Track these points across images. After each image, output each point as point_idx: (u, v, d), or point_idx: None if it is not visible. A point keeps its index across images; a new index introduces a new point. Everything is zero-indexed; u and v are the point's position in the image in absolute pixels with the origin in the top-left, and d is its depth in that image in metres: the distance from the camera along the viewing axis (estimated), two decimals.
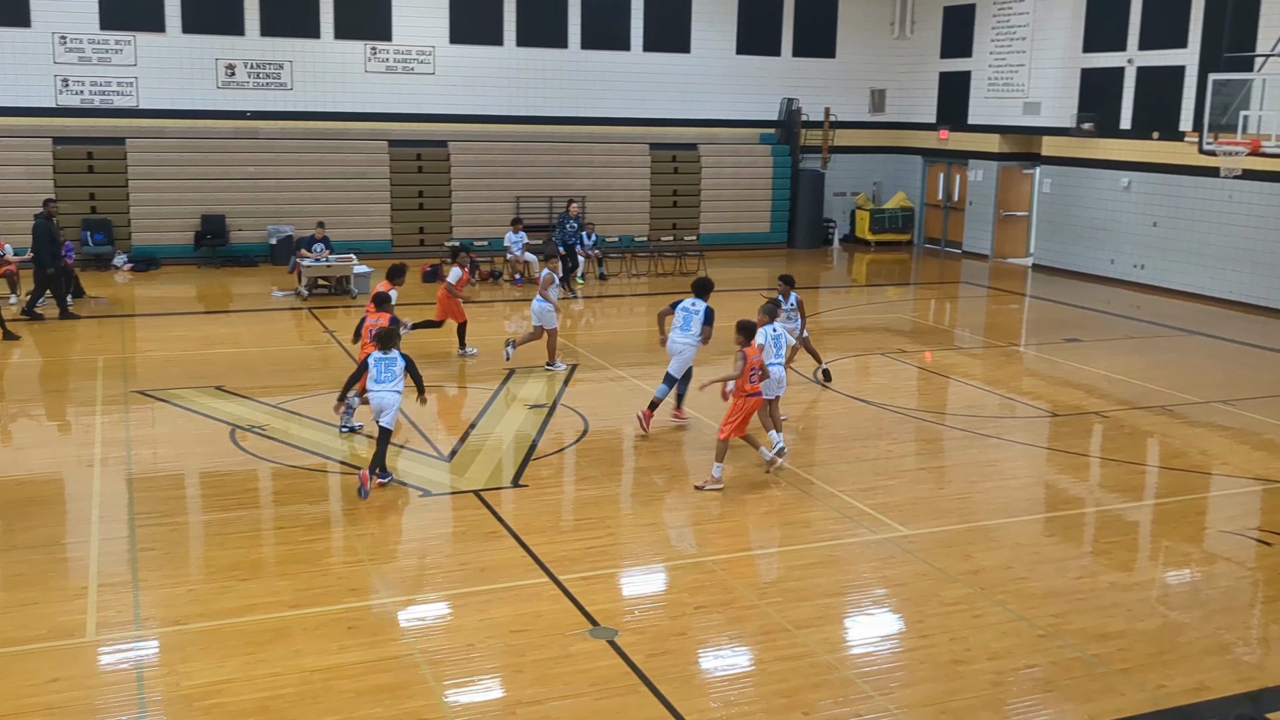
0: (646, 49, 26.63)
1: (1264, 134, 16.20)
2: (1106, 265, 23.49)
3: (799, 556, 8.94)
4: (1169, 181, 21.99)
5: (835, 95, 28.37)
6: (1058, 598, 8.28)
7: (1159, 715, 6.76)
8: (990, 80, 26.44)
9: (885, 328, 18.61)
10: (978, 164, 27.12)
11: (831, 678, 7.04)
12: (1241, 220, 20.65)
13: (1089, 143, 23.81)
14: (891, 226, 28.75)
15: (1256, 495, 10.83)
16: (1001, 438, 12.49)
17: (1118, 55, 23.11)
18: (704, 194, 27.15)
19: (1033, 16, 25.10)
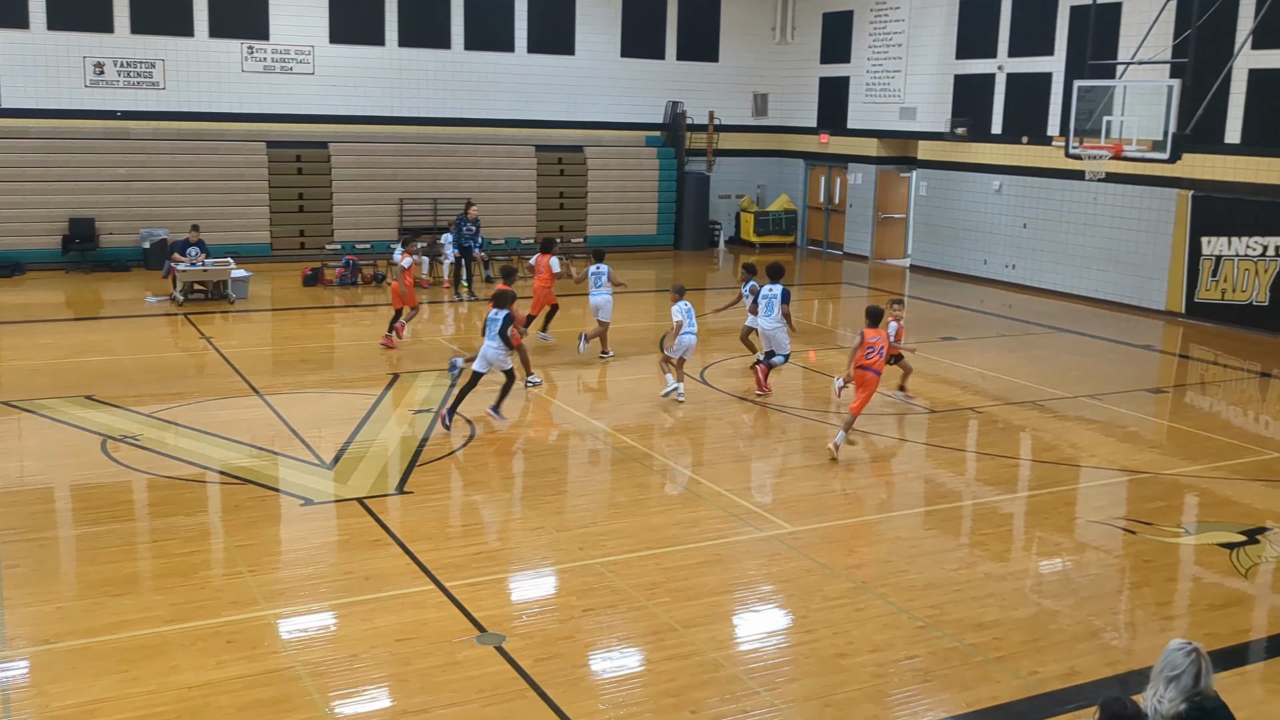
0: (531, 51, 26.55)
1: (1125, 139, 16.89)
2: (980, 265, 24.23)
3: (686, 556, 9.01)
4: (1038, 184, 22.79)
5: (719, 99, 28.69)
6: (936, 589, 8.51)
7: (1032, 701, 6.99)
8: (868, 85, 27.04)
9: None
10: (857, 167, 27.73)
11: (719, 675, 7.12)
12: (1106, 221, 21.51)
13: (962, 147, 24.53)
14: (775, 229, 29.19)
15: (1123, 485, 11.29)
16: (882, 434, 12.78)
17: (989, 62, 23.86)
18: (590, 196, 27.18)
19: (908, 24, 25.76)
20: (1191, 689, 4.53)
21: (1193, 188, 19.76)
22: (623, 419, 13.09)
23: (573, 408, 13.43)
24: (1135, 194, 20.78)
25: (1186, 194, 19.85)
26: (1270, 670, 7.61)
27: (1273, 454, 12.30)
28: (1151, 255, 20.64)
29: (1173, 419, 14.01)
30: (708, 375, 15.32)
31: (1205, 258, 19.70)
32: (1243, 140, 19.14)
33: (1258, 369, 16.74)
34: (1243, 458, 12.12)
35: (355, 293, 21.52)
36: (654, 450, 11.96)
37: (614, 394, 14.26)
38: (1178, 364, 17.59)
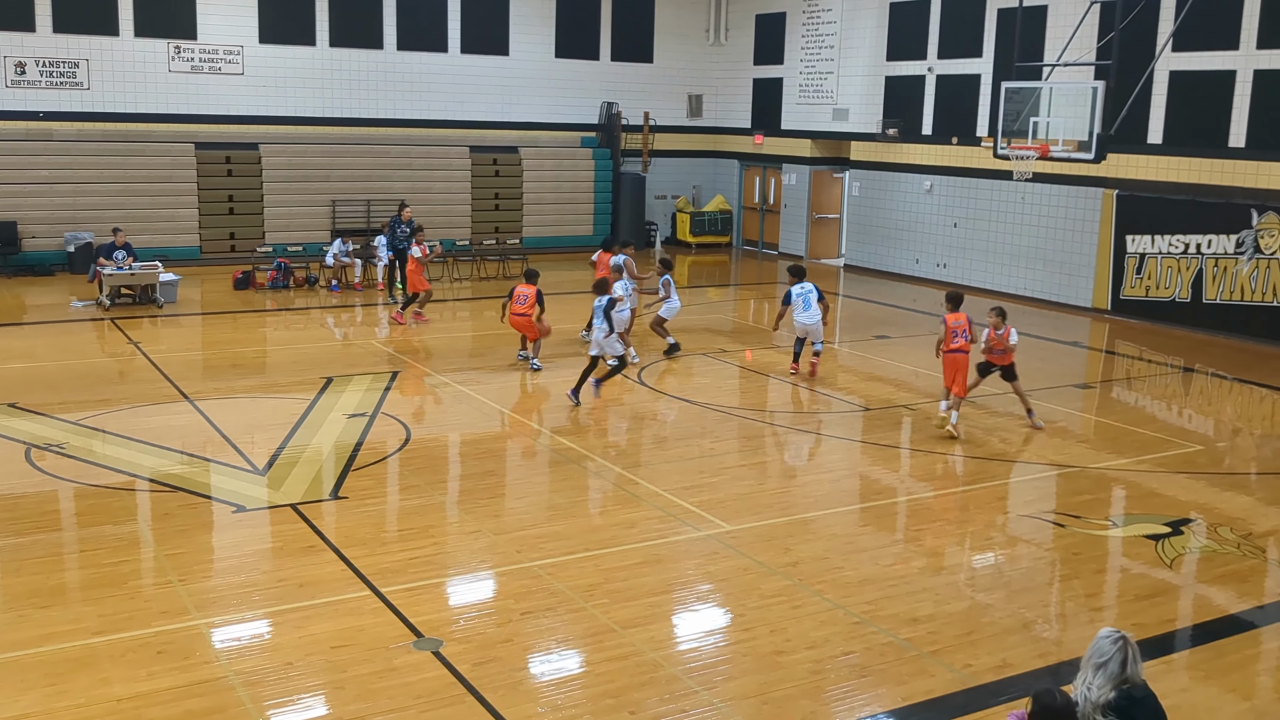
0: (465, 51, 26.41)
1: (1052, 139, 17.18)
2: (912, 265, 24.55)
3: (624, 557, 9.01)
4: (967, 184, 23.15)
5: (654, 100, 28.76)
6: (872, 585, 8.61)
7: (967, 694, 7.09)
8: (801, 87, 27.28)
9: (707, 328, 18.95)
10: (791, 168, 27.95)
11: (658, 675, 7.13)
12: (1033, 220, 21.92)
13: (894, 147, 24.84)
14: (711, 229, 29.34)
15: (1052, 480, 11.51)
16: (818, 433, 12.90)
17: (919, 64, 24.19)
18: (526, 197, 27.10)
19: (839, 26, 26.02)
20: (1118, 676, 4.63)
21: (1117, 187, 20.21)
22: (560, 421, 13.07)
23: (510, 410, 13.37)
24: (1062, 193, 21.19)
25: (1111, 193, 20.30)
26: (1195, 658, 7.80)
27: (1196, 447, 12.62)
28: (1078, 253, 21.07)
29: (1100, 414, 14.31)
30: (645, 376, 15.35)
31: (1130, 255, 20.15)
32: (1164, 140, 19.62)
33: (1181, 364, 17.16)
34: (1167, 451, 12.41)
35: (288, 296, 21.24)
36: (592, 452, 11.96)
37: (552, 396, 14.22)
38: (1104, 360, 17.97)
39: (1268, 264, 18.12)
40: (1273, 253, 18.05)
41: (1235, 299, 18.63)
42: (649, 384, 14.88)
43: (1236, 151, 18.55)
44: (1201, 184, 19.02)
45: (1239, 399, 15.43)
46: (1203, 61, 18.91)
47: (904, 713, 6.85)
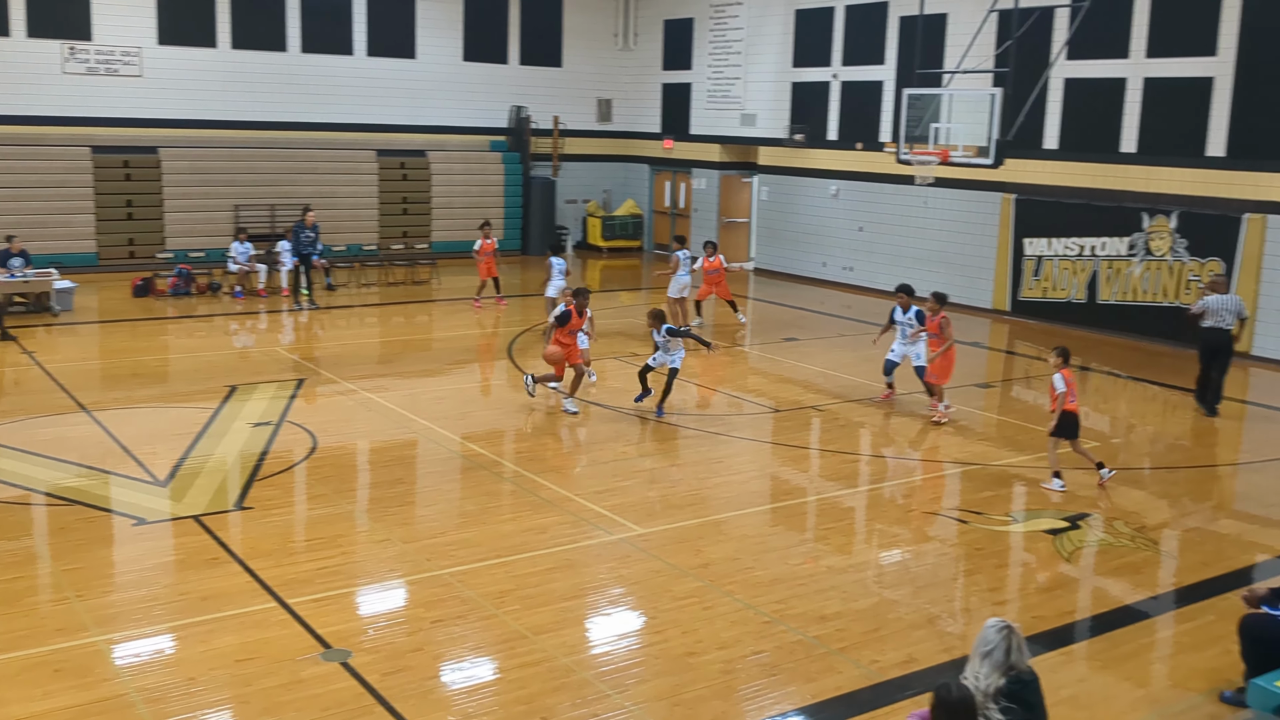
0: (371, 54, 26.09)
1: (952, 145, 17.60)
2: (819, 268, 24.91)
3: (536, 563, 8.99)
4: (872, 189, 23.56)
5: (564, 104, 28.74)
6: (782, 584, 8.71)
7: (875, 689, 7.22)
8: (710, 92, 27.50)
9: (619, 332, 18.98)
10: (701, 172, 28.16)
11: (570, 680, 7.13)
12: (936, 224, 22.39)
13: (801, 153, 25.18)
14: (622, 233, 29.41)
15: (956, 477, 11.77)
16: (729, 434, 13.01)
17: (824, 70, 24.55)
18: (435, 201, 26.86)
19: (746, 32, 26.29)
20: (1004, 663, 4.75)
21: (1015, 191, 20.75)
22: (470, 427, 12.99)
23: (419, 416, 13.24)
24: (962, 198, 21.69)
25: (1010, 198, 20.83)
26: (1093, 649, 8.03)
27: (1092, 443, 12.99)
28: (978, 256, 21.58)
29: (1000, 412, 14.68)
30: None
31: (1028, 258, 20.70)
32: (1060, 146, 20.20)
33: (1077, 364, 17.65)
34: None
35: (189, 303, 20.76)
36: (503, 457, 11.91)
37: (461, 402, 14.12)
38: (1004, 359, 18.44)
39: (1158, 266, 18.77)
40: (1162, 255, 18.69)
41: (1128, 299, 19.26)
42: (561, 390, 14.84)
43: (1128, 157, 19.19)
44: (1095, 188, 19.62)
45: (1132, 396, 15.94)
46: (1095, 69, 19.52)
47: (813, 710, 6.94)
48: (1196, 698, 7.23)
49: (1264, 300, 17.48)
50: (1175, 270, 18.51)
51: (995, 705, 4.70)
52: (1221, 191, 17.91)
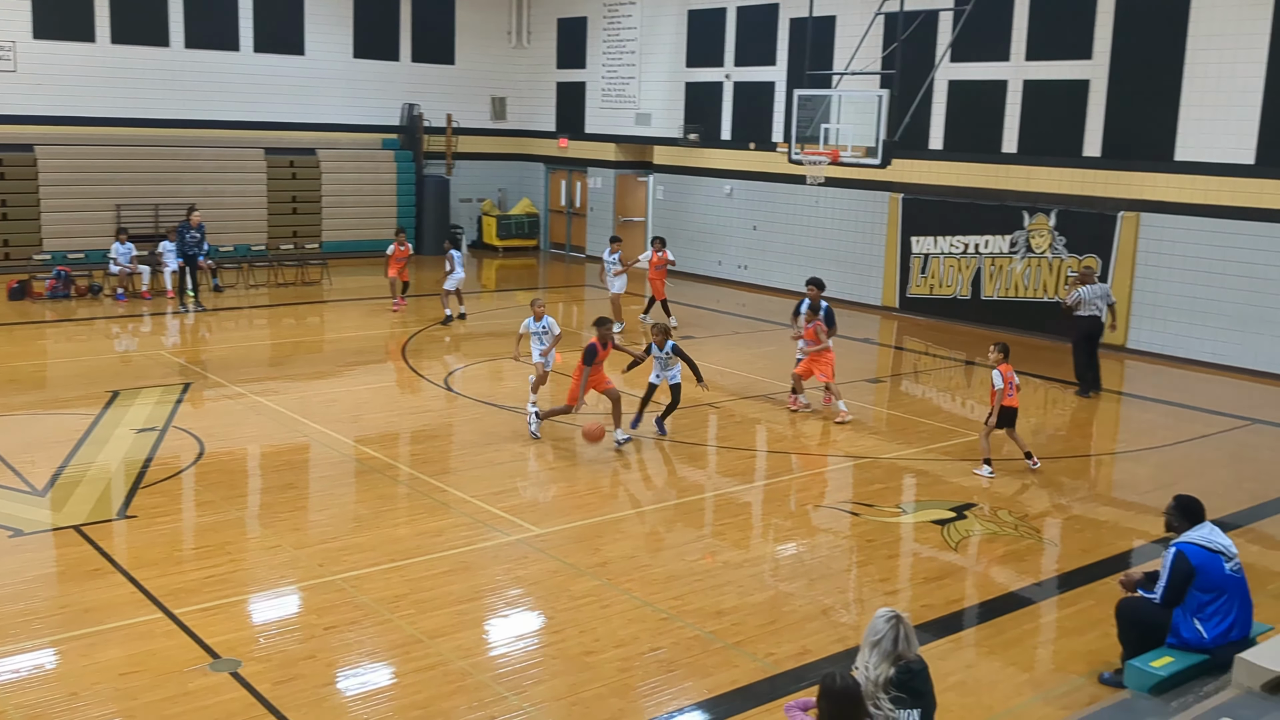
0: (258, 50, 25.50)
1: (842, 145, 17.88)
2: (715, 266, 25.14)
3: (431, 566, 8.90)
4: (766, 189, 23.87)
5: (457, 102, 28.48)
6: (678, 581, 8.78)
7: (771, 681, 7.31)
8: (604, 91, 27.54)
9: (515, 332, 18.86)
10: (597, 171, 28.19)
11: (467, 683, 7.08)
12: (827, 223, 22.78)
13: (695, 152, 25.38)
14: (518, 232, 29.28)
15: (847, 471, 11.99)
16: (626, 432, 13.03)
17: (717, 71, 24.78)
18: (325, 200, 26.37)
19: (640, 31, 26.40)
20: (891, 652, 4.86)
21: (903, 191, 21.22)
22: (364, 429, 12.80)
23: (311, 420, 13.00)
24: (852, 197, 22.10)
25: (897, 197, 21.30)
26: (979, 635, 8.27)
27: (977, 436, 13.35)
28: (868, 254, 22.02)
29: (890, 406, 15.00)
30: (452, 381, 15.20)
31: (915, 256, 21.19)
32: (945, 146, 20.72)
33: (963, 358, 18.15)
34: (951, 440, 13.11)
35: (69, 306, 20.06)
36: (397, 460, 11.77)
37: (354, 404, 13.91)
38: (894, 355, 18.85)
39: (1038, 262, 19.38)
40: (1042, 252, 19.31)
41: (1010, 295, 19.85)
42: (456, 389, 14.73)
43: (1009, 157, 19.77)
44: (978, 188, 20.17)
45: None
46: (978, 72, 20.07)
47: (710, 704, 7.01)
48: (1078, 680, 7.48)
49: (1138, 295, 18.18)
50: (1055, 267, 19.13)
51: (885, 695, 4.80)
52: (1098, 190, 18.58)
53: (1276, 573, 9.39)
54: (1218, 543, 7.13)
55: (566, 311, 22.46)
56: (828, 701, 4.58)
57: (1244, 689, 6.22)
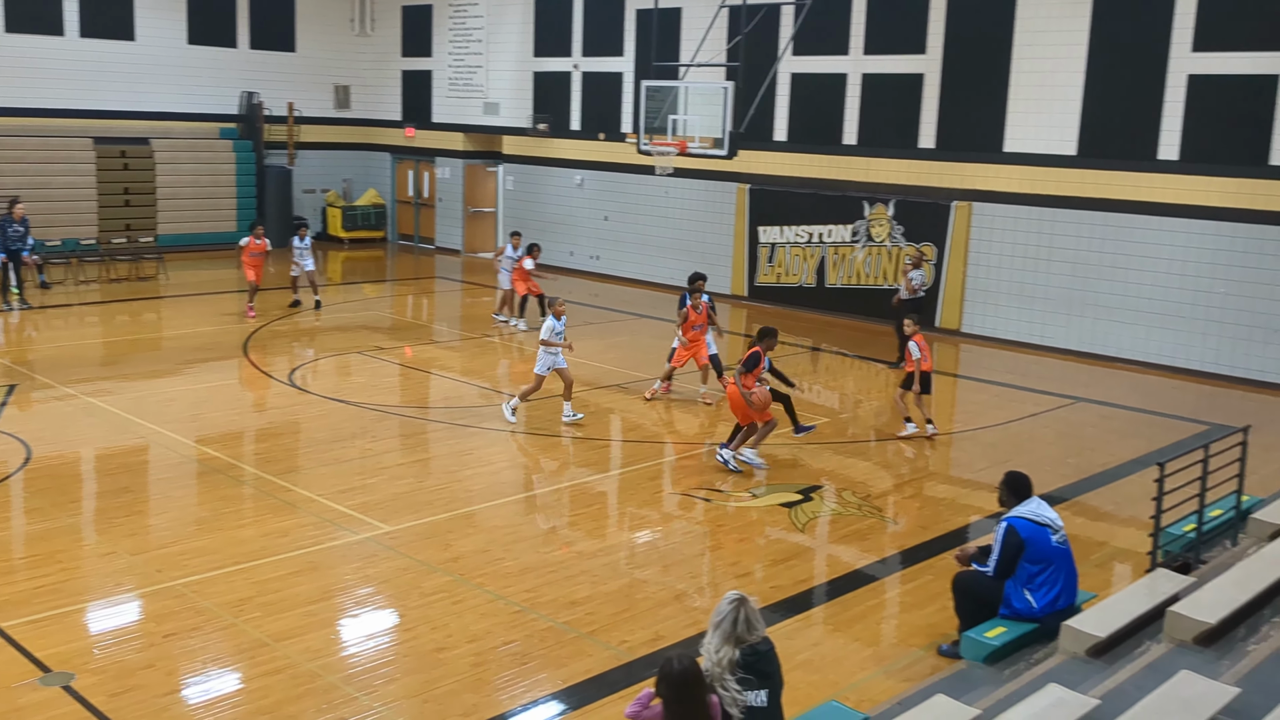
0: (84, 34, 24.30)
1: (689, 136, 18.09)
2: (567, 257, 25.11)
3: (277, 568, 8.68)
4: (616, 179, 23.97)
5: (298, 90, 27.70)
6: (532, 573, 8.77)
7: (627, 668, 7.38)
8: (451, 80, 27.21)
9: (363, 325, 18.56)
10: (445, 161, 27.83)
11: (315, 685, 6.94)
12: (677, 213, 23.04)
13: (545, 142, 25.30)
14: (364, 224, 28.69)
15: (701, 457, 12.16)
16: (479, 426, 12.95)
17: (565, 61, 24.75)
18: (160, 192, 25.34)
19: (486, 20, 26.16)
20: (732, 634, 4.95)
21: (749, 181, 21.61)
22: (204, 429, 12.38)
23: (147, 420, 12.50)
24: (701, 187, 22.40)
25: (744, 187, 21.68)
26: (827, 613, 8.52)
27: (822, 419, 13.73)
28: (717, 244, 22.35)
29: None
30: (296, 378, 14.82)
31: (762, 245, 21.61)
32: (789, 138, 21.18)
33: (809, 344, 18.62)
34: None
35: None
36: (241, 460, 11.43)
37: (193, 403, 13.43)
38: (743, 343, 19.14)
39: (878, 251, 20.01)
40: (882, 240, 19.94)
41: (853, 283, 20.44)
42: (299, 385, 14.37)
43: (850, 149, 20.33)
44: (821, 178, 20.69)
45: (859, 374, 16.94)
46: (819, 65, 20.56)
47: (564, 694, 7.04)
48: (918, 652, 7.78)
49: (971, 280, 18.95)
50: (894, 255, 19.77)
51: (731, 676, 4.90)
52: (933, 181, 19.27)
53: (1099, 543, 9.94)
54: (1045, 516, 7.50)
55: (417, 305, 22.16)
56: (666, 686, 4.62)
57: (1070, 654, 6.55)
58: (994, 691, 6.23)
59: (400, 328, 19.29)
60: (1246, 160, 16.04)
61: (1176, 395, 15.62)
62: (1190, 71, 16.43)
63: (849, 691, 7.13)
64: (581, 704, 6.93)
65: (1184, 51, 16.47)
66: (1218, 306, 16.44)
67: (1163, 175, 16.82)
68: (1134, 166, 17.08)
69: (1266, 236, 15.95)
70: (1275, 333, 15.97)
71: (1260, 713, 4.86)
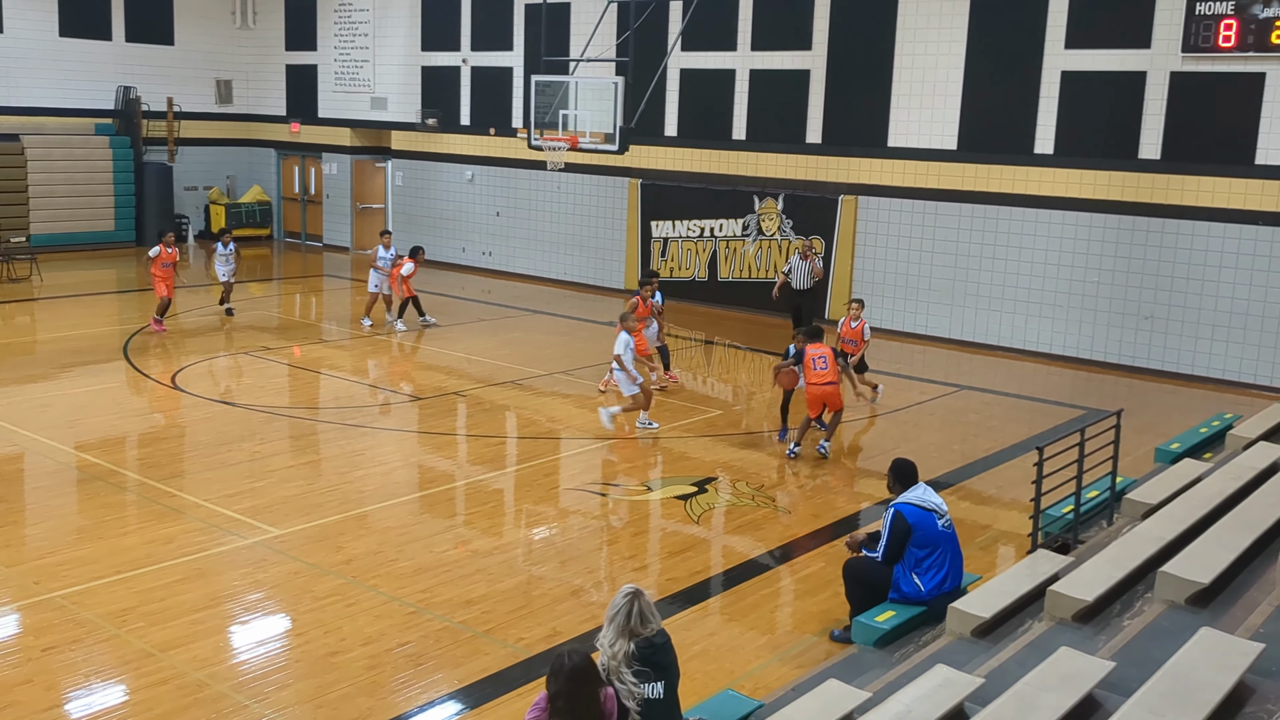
0: None
1: (580, 131, 18.07)
2: (459, 253, 24.93)
3: (162, 576, 8.44)
4: (507, 174, 23.84)
5: (178, 85, 26.90)
6: (427, 573, 8.69)
7: (525, 665, 7.36)
8: (337, 74, 26.72)
9: (250, 325, 18.12)
10: (332, 157, 27.33)
11: (204, 695, 6.77)
12: (569, 208, 23.01)
13: (435, 137, 25.03)
14: (249, 221, 28.00)
15: (596, 452, 12.19)
16: (370, 426, 12.78)
17: (454, 55, 24.50)
18: (32, 190, 24.35)
19: (373, 14, 25.75)
20: (625, 627, 4.98)
21: (641, 176, 21.69)
22: (83, 435, 11.97)
23: (21, 427, 12.03)
24: (593, 183, 22.41)
25: (636, 182, 21.75)
26: (722, 603, 8.61)
27: (716, 412, 13.89)
28: (610, 239, 22.40)
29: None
30: (180, 380, 14.42)
31: (655, 240, 21.72)
32: (679, 133, 21.32)
33: (702, 338, 18.78)
34: (693, 418, 13.55)
35: None
36: (123, 466, 11.08)
37: (70, 408, 12.96)
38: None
39: (769, 244, 20.28)
40: (772, 234, 20.21)
41: (744, 277, 20.68)
42: (183, 388, 13.99)
43: (739, 144, 20.55)
44: (712, 173, 20.88)
45: (752, 366, 17.15)
46: (708, 61, 20.73)
47: (461, 694, 7.00)
48: (811, 639, 7.93)
49: (858, 272, 19.32)
50: (784, 248, 20.06)
51: (628, 669, 4.92)
52: (820, 175, 19.59)
53: (984, 526, 10.24)
54: (931, 501, 7.70)
55: (305, 303, 21.73)
56: (556, 682, 4.53)
57: (956, 635, 6.74)
58: (884, 674, 6.37)
59: (288, 327, 18.89)
60: (1118, 154, 16.67)
61: (1054, 381, 16.17)
62: (1063, 68, 17.01)
63: (744, 680, 7.23)
64: (479, 703, 6.90)
65: (1057, 49, 17.04)
66: (1091, 295, 17.06)
67: (1039, 169, 17.39)
68: (1011, 160, 17.62)
69: (1136, 227, 16.61)
70: (1146, 319, 16.65)
71: (1135, 685, 5.07)
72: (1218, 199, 15.93)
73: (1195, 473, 8.81)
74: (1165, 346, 16.52)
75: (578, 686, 4.43)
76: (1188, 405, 14.73)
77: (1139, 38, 16.30)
